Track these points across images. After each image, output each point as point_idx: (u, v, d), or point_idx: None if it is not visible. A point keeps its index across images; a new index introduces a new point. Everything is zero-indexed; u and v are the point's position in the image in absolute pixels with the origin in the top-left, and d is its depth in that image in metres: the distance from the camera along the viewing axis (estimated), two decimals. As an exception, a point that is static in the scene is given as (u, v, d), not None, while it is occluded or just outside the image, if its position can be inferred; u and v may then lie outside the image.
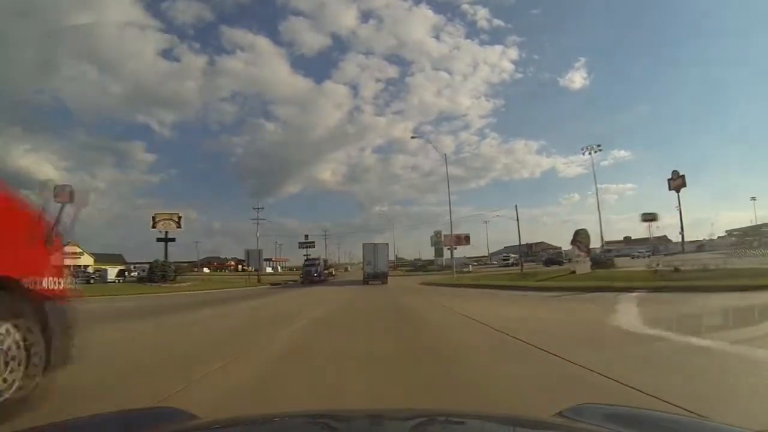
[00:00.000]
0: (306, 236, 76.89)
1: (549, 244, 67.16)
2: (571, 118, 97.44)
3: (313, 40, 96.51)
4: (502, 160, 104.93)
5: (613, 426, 1.06)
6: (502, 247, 74.72)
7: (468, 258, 63.98)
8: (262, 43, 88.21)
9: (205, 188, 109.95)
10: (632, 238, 62.94)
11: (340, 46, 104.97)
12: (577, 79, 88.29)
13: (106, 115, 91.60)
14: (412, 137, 70.61)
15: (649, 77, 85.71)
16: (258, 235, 46.63)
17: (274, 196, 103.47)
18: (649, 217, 42.97)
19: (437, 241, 67.76)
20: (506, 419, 1.35)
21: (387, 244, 35.47)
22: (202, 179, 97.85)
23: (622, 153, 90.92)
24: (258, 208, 48.11)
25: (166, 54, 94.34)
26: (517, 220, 35.04)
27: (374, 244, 34.26)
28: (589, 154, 42.44)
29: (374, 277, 30.95)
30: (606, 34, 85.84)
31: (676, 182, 59.74)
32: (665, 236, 62.81)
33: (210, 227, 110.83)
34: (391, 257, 59.34)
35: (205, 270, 72.58)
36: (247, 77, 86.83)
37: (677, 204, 56.56)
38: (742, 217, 78.00)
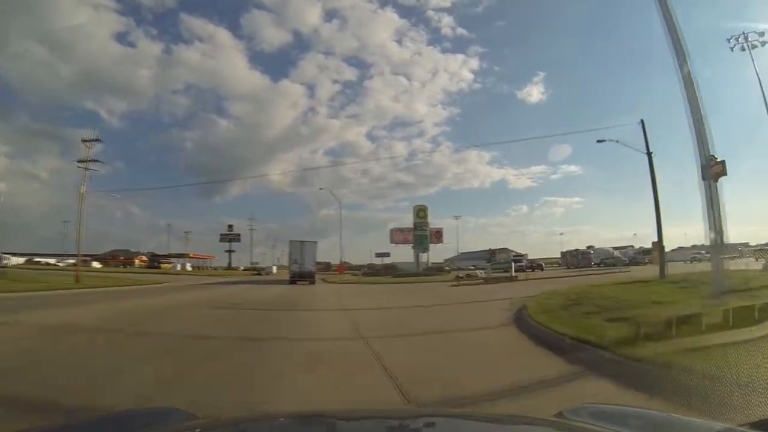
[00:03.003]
0: (230, 226, 66.54)
1: (512, 250, 60.67)
2: (525, 131, 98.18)
3: (274, 36, 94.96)
4: (454, 169, 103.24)
5: (613, 426, 1.05)
6: (459, 253, 69.27)
7: (433, 263, 52.46)
8: (222, 35, 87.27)
9: (153, 183, 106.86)
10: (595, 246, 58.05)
11: (301, 44, 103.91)
12: (534, 93, 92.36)
13: (53, 99, 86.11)
14: None
15: (604, 96, 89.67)
16: (84, 191, 24.95)
17: (222, 194, 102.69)
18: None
19: (421, 224, 47.69)
20: (506, 419, 1.34)
21: (315, 242, 31.51)
22: (149, 173, 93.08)
23: (572, 168, 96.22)
24: (90, 141, 26.31)
25: (121, 38, 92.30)
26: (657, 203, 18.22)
27: (301, 241, 30.63)
28: (742, 50, 21.12)
29: (300, 277, 28.13)
30: (566, 52, 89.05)
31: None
32: (635, 246, 59.38)
33: (154, 223, 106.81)
34: (322, 258, 48.35)
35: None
36: (204, 70, 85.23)
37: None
38: (682, 233, 78.07)
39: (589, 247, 56.67)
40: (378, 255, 56.98)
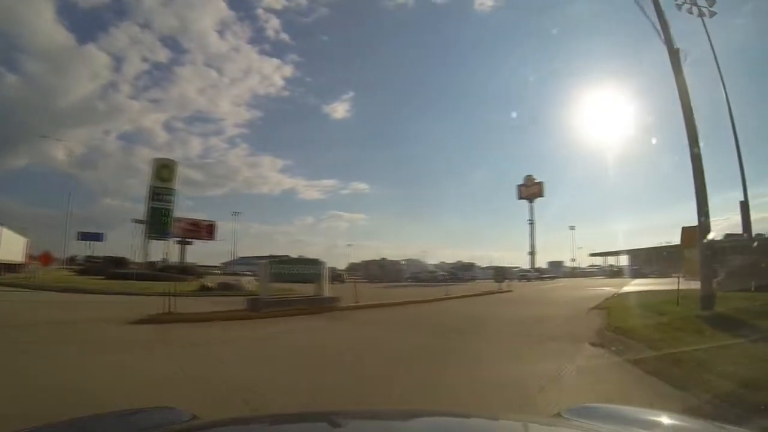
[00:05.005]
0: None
1: (307, 258, 56.06)
2: (323, 145, 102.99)
3: (93, -9, 78.60)
4: (246, 173, 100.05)
5: (613, 426, 1.08)
6: (237, 257, 60.52)
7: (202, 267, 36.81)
8: (34, -29, 73.22)
9: None
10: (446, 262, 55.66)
11: (119, 8, 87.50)
12: (340, 110, 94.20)
13: None
14: None
15: (403, 125, 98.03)
16: None
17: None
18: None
19: (162, 191, 28.77)
20: (505, 419, 1.38)
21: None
22: None
23: (361, 186, 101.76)
24: None
25: None
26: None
27: None
28: (689, 12, 13.43)
29: None
30: (378, 80, 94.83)
31: (531, 190, 51.44)
32: (471, 263, 54.08)
33: None
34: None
35: None
36: (1, 9, 68.79)
37: (529, 217, 50.27)
38: (461, 255, 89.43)
39: (418, 262, 50.78)
40: (84, 236, 35.57)
